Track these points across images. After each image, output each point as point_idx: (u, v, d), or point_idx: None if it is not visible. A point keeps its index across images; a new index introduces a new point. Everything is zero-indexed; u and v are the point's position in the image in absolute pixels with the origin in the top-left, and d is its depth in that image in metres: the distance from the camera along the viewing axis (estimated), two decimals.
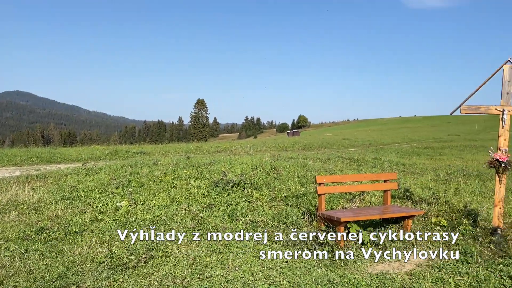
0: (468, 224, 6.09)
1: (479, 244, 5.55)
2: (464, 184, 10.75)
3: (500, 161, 5.60)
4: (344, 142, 35.98)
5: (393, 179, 6.69)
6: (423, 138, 46.24)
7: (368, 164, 16.09)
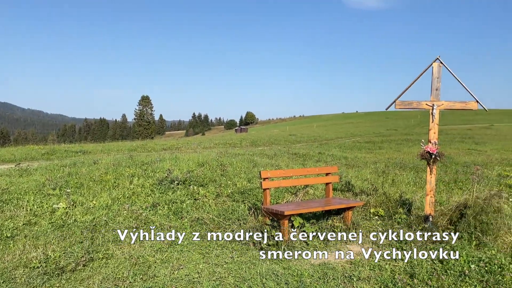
0: (403, 213, 6.47)
1: (412, 231, 5.91)
2: (400, 176, 11.38)
3: (431, 153, 5.99)
4: (290, 138, 36.72)
5: (334, 172, 6.93)
6: (364, 133, 48.37)
7: (313, 159, 16.54)
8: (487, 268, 4.61)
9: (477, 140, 31.25)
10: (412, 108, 6.20)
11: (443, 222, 5.81)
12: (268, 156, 16.42)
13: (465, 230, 5.54)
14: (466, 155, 20.69)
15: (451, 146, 26.53)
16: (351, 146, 27.10)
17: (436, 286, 4.24)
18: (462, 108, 6.05)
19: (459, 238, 5.53)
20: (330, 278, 4.51)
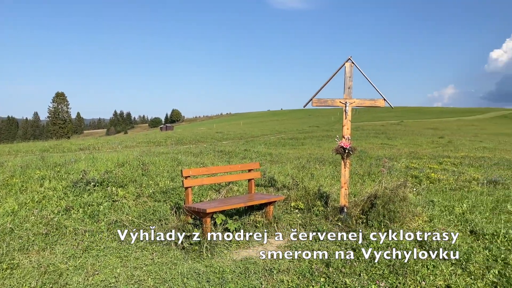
0: (321, 205, 6.79)
1: (329, 222, 6.23)
2: (320, 170, 11.94)
3: (345, 147, 6.35)
4: (217, 135, 36.65)
5: (256, 168, 7.05)
6: (289, 129, 49.92)
7: (239, 156, 16.69)
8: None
9: (389, 135, 33.88)
10: (327, 105, 6.52)
11: (356, 212, 6.20)
12: (194, 154, 16.23)
13: (375, 219, 5.97)
14: (379, 149, 22.33)
15: (366, 141, 28.46)
16: (276, 142, 27.82)
17: (349, 272, 4.51)
18: (371, 105, 6.49)
19: (370, 226, 5.95)
20: (252, 272, 4.59)
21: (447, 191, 9.12)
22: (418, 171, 12.30)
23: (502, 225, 6.14)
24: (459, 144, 26.84)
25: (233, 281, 4.37)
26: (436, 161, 15.79)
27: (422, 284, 4.15)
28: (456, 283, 4.21)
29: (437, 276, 4.40)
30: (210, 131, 50.21)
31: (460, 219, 6.53)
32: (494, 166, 14.50)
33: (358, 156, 17.26)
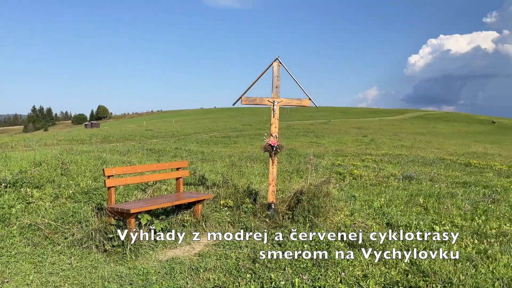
0: (250, 203, 6.86)
1: (257, 219, 6.32)
2: (250, 168, 12.08)
3: (273, 145, 6.48)
4: (147, 133, 35.52)
5: (184, 166, 6.93)
6: (222, 128, 49.91)
7: (169, 154, 16.31)
8: (317, 246, 5.22)
9: (317, 134, 35.28)
10: (256, 104, 6.60)
11: (283, 208, 6.36)
12: (121, 152, 15.56)
13: (301, 214, 6.17)
14: (308, 147, 23.17)
15: (296, 139, 29.38)
16: (208, 141, 27.64)
17: (274, 267, 4.61)
18: (298, 105, 6.70)
19: (295, 221, 6.14)
20: (177, 272, 4.50)
21: (368, 186, 9.70)
22: (342, 168, 12.95)
23: (414, 217, 6.68)
24: (381, 142, 28.76)
25: (158, 282, 4.25)
26: (359, 159, 16.74)
27: (342, 275, 4.36)
28: (372, 272, 4.48)
29: (355, 266, 4.65)
30: (140, 128, 48.54)
31: (378, 212, 6.99)
32: (410, 163, 15.73)
33: (288, 154, 17.76)
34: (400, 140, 31.99)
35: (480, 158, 19.35)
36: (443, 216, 6.87)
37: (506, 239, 5.64)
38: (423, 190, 9.16)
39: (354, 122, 70.52)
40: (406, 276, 4.40)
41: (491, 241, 5.55)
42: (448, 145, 30.91)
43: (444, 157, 18.21)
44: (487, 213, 7.13)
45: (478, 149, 27.43)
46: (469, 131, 63.57)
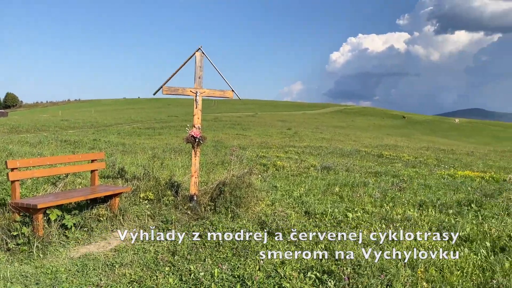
0: (171, 195, 6.72)
1: (179, 211, 6.22)
2: (175, 160, 11.84)
3: (195, 136, 6.40)
4: (62, 123, 33.12)
5: (100, 158, 6.57)
6: (146, 119, 48.21)
7: (86, 146, 15.40)
8: (238, 236, 5.28)
9: (244, 126, 35.67)
10: (178, 94, 6.45)
11: (205, 200, 6.33)
12: (31, 144, 14.34)
13: (223, 205, 6.20)
14: (234, 139, 23.33)
15: (223, 131, 29.43)
16: (130, 132, 26.56)
17: (194, 259, 4.57)
18: (221, 96, 6.68)
19: (217, 212, 6.15)
20: (90, 269, 4.27)
21: (289, 177, 10.03)
22: (266, 159, 13.25)
23: (330, 205, 7.04)
24: (303, 135, 29.92)
25: (68, 280, 4.00)
26: (283, 150, 17.27)
27: (261, 263, 4.46)
28: (290, 258, 4.64)
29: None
30: (55, 118, 45.10)
31: (297, 202, 7.26)
32: (329, 154, 16.58)
33: (214, 146, 17.74)
34: (321, 133, 33.58)
35: (391, 150, 21.01)
36: (356, 204, 7.34)
37: (409, 223, 6.17)
38: (340, 179, 9.70)
39: (279, 115, 72.44)
40: (320, 261, 4.62)
41: (397, 225, 6.04)
42: (364, 137, 33.12)
43: (360, 149, 19.46)
44: (394, 200, 7.75)
45: (390, 141, 29.78)
46: (383, 125, 68.69)
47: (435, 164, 14.73)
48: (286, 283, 3.99)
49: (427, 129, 67.24)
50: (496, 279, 4.12)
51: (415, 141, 35.50)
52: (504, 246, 5.19)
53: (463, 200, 7.70)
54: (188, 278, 4.11)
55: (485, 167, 14.65)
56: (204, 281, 4.02)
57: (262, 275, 4.17)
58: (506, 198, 8.04)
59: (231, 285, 3.98)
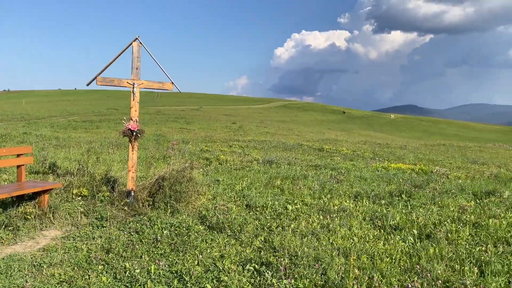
0: (107, 191, 6.45)
1: (115, 207, 5.98)
2: (113, 154, 11.38)
3: (132, 130, 6.18)
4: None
5: (27, 153, 6.14)
6: (83, 111, 45.83)
7: (15, 140, 14.35)
8: (177, 231, 5.19)
9: (188, 120, 35.11)
10: (114, 85, 6.18)
11: (143, 195, 6.14)
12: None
13: (162, 200, 6.06)
14: (178, 133, 22.89)
15: (166, 125, 28.75)
16: (65, 125, 25.12)
17: (130, 256, 4.43)
18: (159, 88, 6.49)
19: (156, 208, 6.00)
20: (15, 270, 3.98)
21: (232, 170, 10.04)
22: (210, 153, 13.16)
23: (271, 197, 7.15)
24: (248, 129, 30.08)
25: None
26: (227, 144, 17.24)
27: (199, 258, 4.42)
28: (229, 252, 4.65)
29: (213, 248, 4.77)
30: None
31: (239, 195, 7.28)
32: (272, 148, 16.82)
33: (156, 140, 17.29)
34: (266, 127, 33.98)
35: (331, 144, 21.76)
36: (296, 196, 7.52)
37: (345, 214, 6.43)
38: (281, 173, 9.88)
39: (225, 109, 72.24)
40: (259, 253, 4.68)
41: (333, 216, 6.27)
42: (307, 132, 34.03)
43: (302, 143, 19.95)
44: (332, 192, 8.04)
45: (331, 136, 30.85)
46: (325, 120, 71.01)
47: (371, 157, 15.47)
48: (224, 276, 3.99)
49: (365, 124, 70.52)
50: (421, 264, 4.42)
51: (354, 135, 37.08)
52: (430, 233, 5.58)
53: (395, 191, 8.17)
54: (123, 276, 3.97)
55: (416, 159, 15.64)
56: (140, 278, 3.91)
57: (200, 270, 4.14)
58: (433, 188, 8.64)
59: (168, 281, 3.91)
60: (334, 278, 3.92)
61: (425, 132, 64.74)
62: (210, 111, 60.47)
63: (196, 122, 34.02)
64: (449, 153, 20.95)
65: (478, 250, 4.87)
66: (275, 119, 55.86)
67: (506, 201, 7.56)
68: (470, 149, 24.33)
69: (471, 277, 4.07)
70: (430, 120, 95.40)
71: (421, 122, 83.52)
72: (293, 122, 55.20)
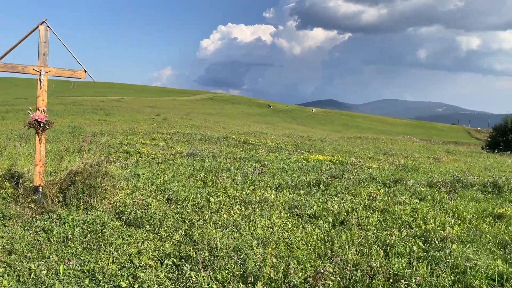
0: (11, 187, 5.88)
1: (20, 205, 5.48)
2: (20, 148, 10.42)
3: (39, 121, 5.68)
4: None
5: None
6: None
7: None
8: (90, 228, 4.90)
9: (108, 112, 33.33)
10: (18, 72, 5.64)
11: (53, 191, 5.70)
12: None
13: (74, 196, 5.68)
14: (96, 125, 21.62)
15: (83, 117, 27.01)
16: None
17: (36, 257, 4.10)
18: (70, 76, 6.04)
19: (68, 204, 5.61)
20: None
21: (154, 164, 9.74)
22: (131, 146, 12.63)
23: (193, 191, 7.06)
24: (173, 121, 29.41)
25: None
26: (150, 137, 16.69)
27: (115, 255, 4.23)
28: (147, 247, 4.51)
29: (130, 244, 4.59)
30: None
31: (160, 189, 7.08)
32: (198, 141, 16.64)
33: (71, 133, 16.18)
34: (192, 120, 33.51)
35: (256, 136, 22.12)
36: (219, 188, 7.52)
37: (266, 205, 6.58)
38: (205, 165, 9.80)
39: (148, 100, 69.78)
40: (179, 247, 4.61)
41: (255, 207, 6.38)
42: (233, 125, 34.21)
43: (228, 136, 20.00)
44: (254, 183, 8.17)
45: (256, 128, 31.37)
46: (251, 113, 71.95)
47: (294, 150, 16.01)
48: (140, 272, 3.86)
49: (289, 117, 72.77)
50: (334, 250, 4.67)
51: (278, 128, 38.10)
52: (343, 220, 5.92)
53: (313, 181, 8.53)
54: (27, 279, 3.66)
55: (334, 151, 16.50)
56: (46, 279, 3.63)
57: (115, 267, 3.96)
58: (347, 178, 9.18)
59: (79, 281, 3.68)
60: (252, 268, 3.99)
61: (344, 125, 68.59)
62: (132, 102, 58.05)
63: (117, 113, 32.43)
64: (364, 145, 22.42)
65: (385, 234, 5.28)
66: (201, 111, 55.32)
67: (411, 189, 8.28)
68: (382, 141, 26.26)
69: (378, 259, 4.40)
70: (348, 114, 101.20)
71: (340, 116, 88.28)
72: (220, 114, 55.15)
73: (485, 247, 4.90)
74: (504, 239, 5.20)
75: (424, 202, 7.13)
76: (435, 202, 7.19)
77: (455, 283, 3.93)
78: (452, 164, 14.08)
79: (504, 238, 5.25)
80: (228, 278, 3.83)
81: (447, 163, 14.14)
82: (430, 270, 4.16)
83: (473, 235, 5.32)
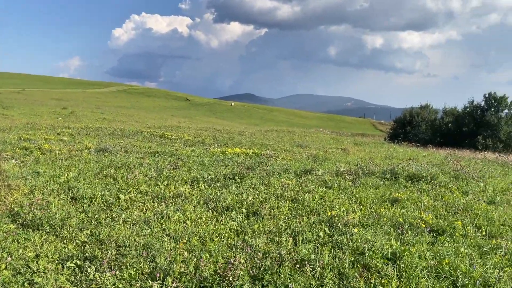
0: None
1: None
2: None
3: None
4: None
5: None
6: None
7: None
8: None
9: (5, 105, 30.15)
10: None
11: None
12: None
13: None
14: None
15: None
16: None
17: None
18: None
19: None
20: None
21: (57, 161, 9.03)
22: (31, 142, 11.55)
23: (101, 188, 6.69)
24: (82, 115, 27.52)
25: None
26: (55, 132, 15.45)
27: (8, 260, 3.84)
28: (46, 250, 4.18)
29: (27, 248, 4.21)
30: None
31: (64, 187, 6.59)
32: (109, 136, 15.78)
33: None
34: (103, 113, 31.69)
35: (173, 130, 21.63)
36: (130, 185, 7.21)
37: (180, 199, 6.47)
38: (116, 161, 9.34)
39: (54, 93, 64.47)
40: (83, 248, 4.33)
41: (168, 202, 6.24)
42: (149, 118, 33.05)
43: (142, 130, 19.28)
44: (169, 178, 7.99)
45: (173, 122, 30.65)
46: (168, 106, 70.19)
47: (211, 143, 15.97)
48: (38, 277, 3.56)
49: (208, 111, 72.44)
50: (246, 240, 4.76)
51: (196, 122, 37.68)
52: (256, 210, 6.06)
53: (229, 174, 8.59)
54: None
55: (251, 144, 16.80)
56: None
57: (8, 274, 3.60)
58: (262, 170, 9.42)
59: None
60: (162, 264, 3.91)
61: (261, 119, 70.22)
62: (35, 94, 53.16)
63: (16, 107, 29.46)
64: (280, 138, 23.17)
65: (295, 222, 5.52)
66: (114, 104, 52.56)
67: (320, 178, 8.76)
68: (297, 134, 27.38)
69: (287, 246, 4.58)
70: (265, 108, 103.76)
71: (258, 110, 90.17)
72: (134, 108, 52.92)
73: (382, 229, 5.37)
74: (398, 221, 5.75)
75: (331, 190, 7.58)
76: (340, 190, 7.69)
77: (354, 263, 4.26)
78: (357, 154, 15.18)
79: (398, 220, 5.80)
80: (136, 276, 3.70)
81: (353, 153, 15.21)
82: (333, 253, 4.45)
83: (372, 219, 5.80)
